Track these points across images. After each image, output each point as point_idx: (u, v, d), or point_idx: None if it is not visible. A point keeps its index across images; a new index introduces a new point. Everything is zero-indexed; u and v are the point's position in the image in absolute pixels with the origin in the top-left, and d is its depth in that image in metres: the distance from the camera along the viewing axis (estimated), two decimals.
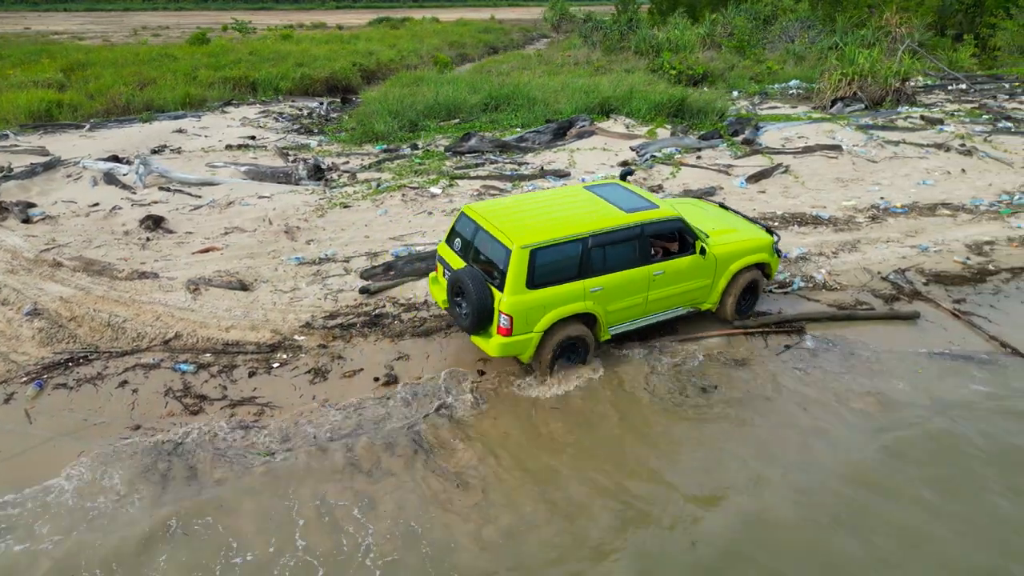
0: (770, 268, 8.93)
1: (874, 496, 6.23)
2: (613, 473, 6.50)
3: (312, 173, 13.30)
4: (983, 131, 17.03)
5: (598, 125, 17.64)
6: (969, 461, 6.67)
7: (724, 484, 6.42)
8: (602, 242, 7.43)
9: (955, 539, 5.82)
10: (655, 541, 5.82)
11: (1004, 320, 9.06)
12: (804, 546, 5.78)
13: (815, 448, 6.87)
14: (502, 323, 7.11)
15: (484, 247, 7.45)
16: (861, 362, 8.18)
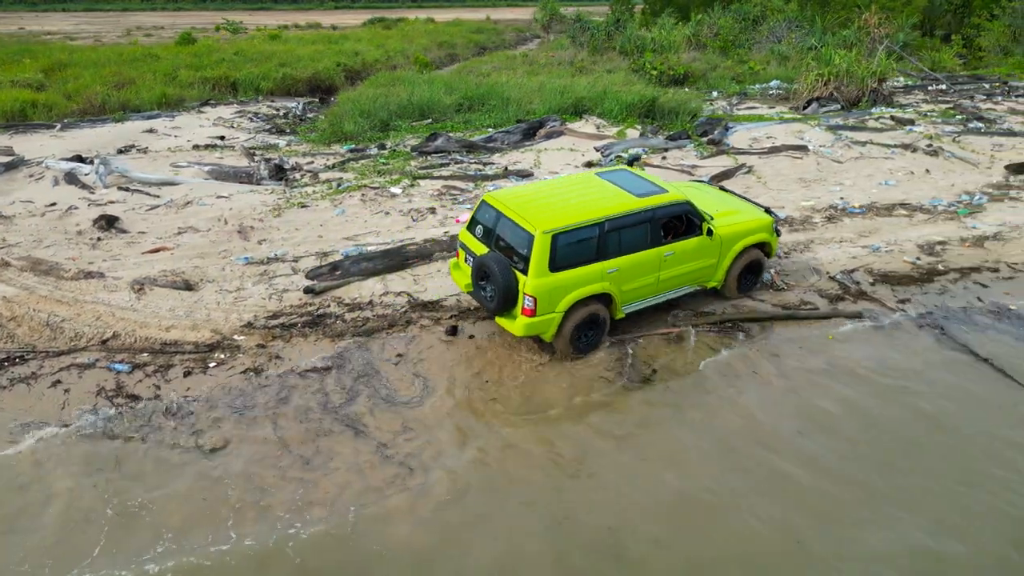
0: (770, 247, 9.39)
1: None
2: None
3: (274, 173, 13.32)
4: (953, 131, 17.05)
5: (568, 126, 17.66)
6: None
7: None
8: (617, 226, 7.92)
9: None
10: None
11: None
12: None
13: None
14: (527, 304, 7.58)
15: (506, 233, 7.88)
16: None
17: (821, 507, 6.19)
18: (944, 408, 7.45)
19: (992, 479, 6.48)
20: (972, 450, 6.85)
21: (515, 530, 5.98)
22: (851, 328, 8.95)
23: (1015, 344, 8.55)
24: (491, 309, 7.85)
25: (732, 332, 8.82)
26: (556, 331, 7.91)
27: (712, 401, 7.64)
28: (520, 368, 8.08)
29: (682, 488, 6.43)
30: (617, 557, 5.73)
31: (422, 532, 5.93)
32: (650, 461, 6.77)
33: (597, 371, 8.07)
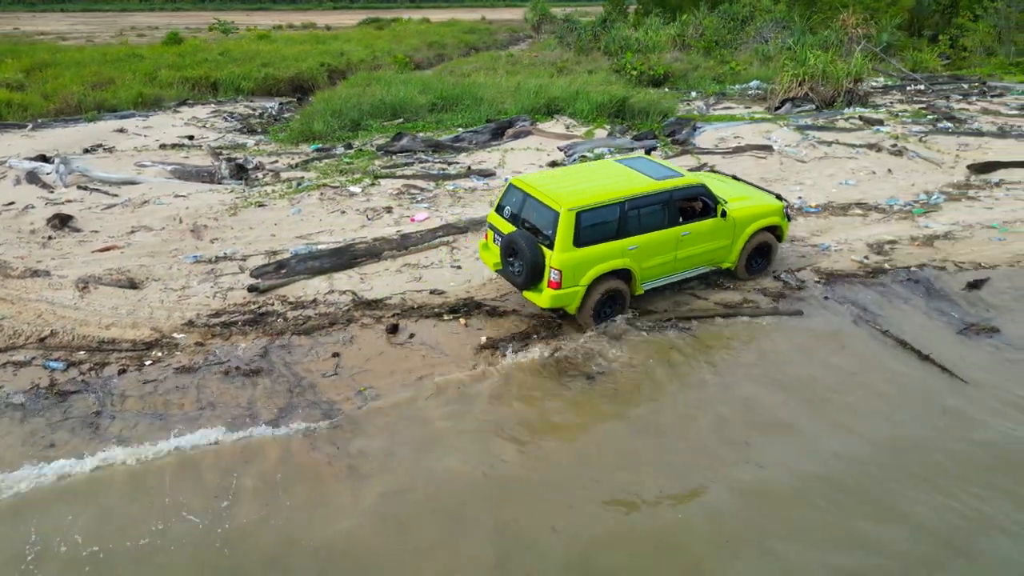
0: (781, 231, 9.87)
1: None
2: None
3: (235, 172, 13.37)
4: (921, 131, 17.08)
5: (538, 126, 17.71)
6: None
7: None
8: (637, 205, 8.45)
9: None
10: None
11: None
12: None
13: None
14: (552, 277, 8.10)
15: (532, 212, 8.45)
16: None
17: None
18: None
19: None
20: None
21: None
22: (784, 323, 9.00)
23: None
24: (519, 284, 8.40)
25: (674, 330, 8.85)
26: (580, 304, 8.44)
27: (652, 399, 7.66)
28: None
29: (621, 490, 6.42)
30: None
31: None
32: (593, 464, 6.75)
33: (537, 373, 8.09)
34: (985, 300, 9.49)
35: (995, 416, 7.30)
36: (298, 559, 5.64)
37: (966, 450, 6.84)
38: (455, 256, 10.60)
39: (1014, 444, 6.91)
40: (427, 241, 10.74)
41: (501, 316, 9.16)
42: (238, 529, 5.87)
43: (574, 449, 7.02)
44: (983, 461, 6.69)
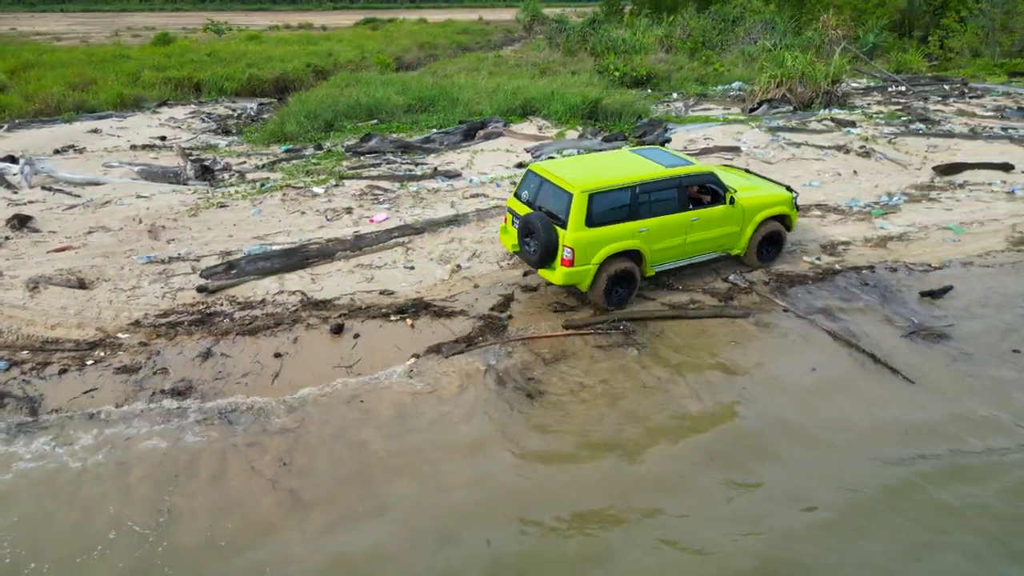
0: (790, 220, 10.26)
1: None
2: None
3: (200, 173, 13.44)
4: (893, 132, 17.12)
5: (511, 127, 17.77)
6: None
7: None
8: (647, 189, 8.91)
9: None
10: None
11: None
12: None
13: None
14: (565, 255, 8.57)
15: (548, 195, 8.92)
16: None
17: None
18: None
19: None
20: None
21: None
22: (734, 324, 9.04)
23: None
24: (534, 262, 8.85)
25: (619, 333, 8.86)
26: (592, 282, 8.87)
27: (587, 405, 7.66)
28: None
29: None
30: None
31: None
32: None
33: (476, 380, 8.12)
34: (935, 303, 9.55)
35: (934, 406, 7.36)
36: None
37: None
38: (409, 257, 10.65)
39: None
40: (382, 242, 10.80)
41: (448, 317, 9.21)
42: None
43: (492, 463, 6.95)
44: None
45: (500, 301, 9.54)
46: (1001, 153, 15.39)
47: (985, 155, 15.31)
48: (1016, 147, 15.84)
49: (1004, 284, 9.99)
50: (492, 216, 11.99)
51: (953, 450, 6.89)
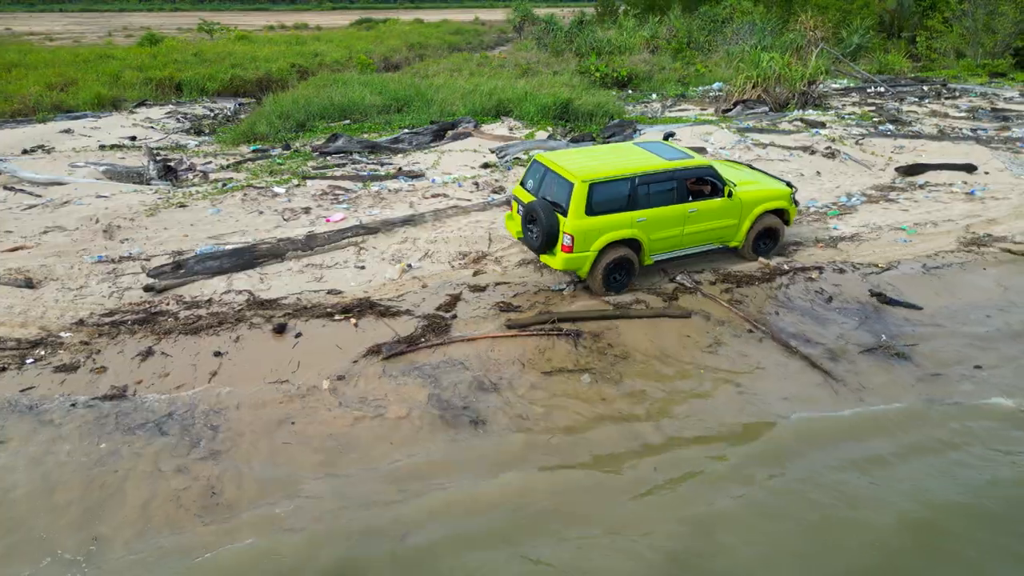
0: (788, 215, 10.52)
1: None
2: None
3: (163, 173, 13.49)
4: (860, 133, 17.17)
5: (482, 128, 17.82)
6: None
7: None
8: (646, 181, 9.24)
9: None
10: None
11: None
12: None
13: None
14: (565, 242, 8.97)
15: (551, 184, 9.31)
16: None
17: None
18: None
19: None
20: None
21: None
22: (682, 324, 9.11)
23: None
24: (536, 248, 9.26)
25: (559, 333, 8.92)
26: (590, 269, 9.26)
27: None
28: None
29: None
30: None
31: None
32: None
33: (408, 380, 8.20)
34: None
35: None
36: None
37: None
38: (361, 257, 10.72)
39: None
40: (334, 241, 10.86)
41: (393, 316, 9.27)
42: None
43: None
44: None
45: (447, 301, 9.61)
46: (966, 154, 15.45)
47: (951, 156, 15.37)
48: (982, 148, 15.88)
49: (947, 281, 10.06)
50: (449, 216, 12.06)
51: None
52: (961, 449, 6.96)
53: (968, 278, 10.27)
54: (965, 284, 10.07)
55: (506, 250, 11.06)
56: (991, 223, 12.01)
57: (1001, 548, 5.91)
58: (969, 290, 9.91)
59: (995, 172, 14.54)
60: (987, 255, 10.90)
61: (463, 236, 11.41)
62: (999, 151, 15.77)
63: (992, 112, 20.03)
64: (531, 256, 10.81)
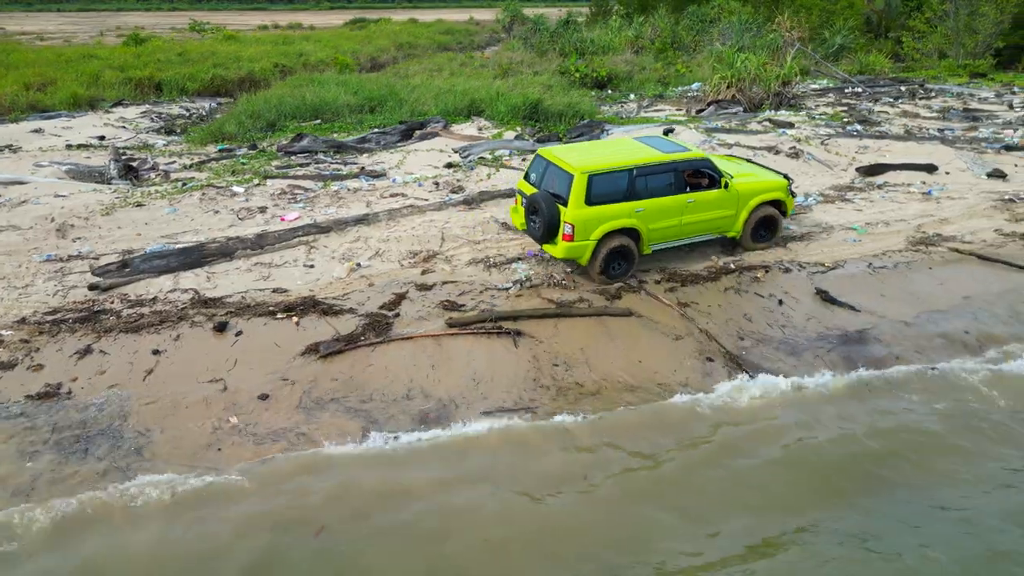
0: (786, 206, 10.83)
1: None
2: None
3: (123, 172, 13.55)
4: (827, 134, 17.23)
5: (452, 127, 17.89)
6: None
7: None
8: (644, 172, 9.62)
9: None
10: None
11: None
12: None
13: None
14: (566, 231, 9.36)
15: (553, 176, 9.70)
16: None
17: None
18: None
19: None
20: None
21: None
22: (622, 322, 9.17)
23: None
24: (538, 237, 9.69)
25: (499, 332, 8.96)
26: (591, 257, 9.60)
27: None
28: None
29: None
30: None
31: None
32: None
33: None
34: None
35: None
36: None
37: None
38: (311, 255, 10.77)
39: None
40: (284, 240, 10.91)
41: (336, 315, 9.31)
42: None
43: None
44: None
45: (392, 299, 9.65)
46: (930, 154, 15.51)
47: (914, 156, 15.42)
48: (946, 148, 15.95)
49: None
50: (404, 215, 12.12)
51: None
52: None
53: (913, 277, 10.32)
54: (907, 283, 10.13)
55: (457, 249, 11.13)
56: (943, 223, 12.07)
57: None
58: (909, 288, 9.98)
59: (956, 172, 14.60)
60: (934, 254, 10.95)
61: (416, 235, 11.47)
62: (963, 151, 15.83)
63: (964, 112, 20.10)
64: (480, 256, 10.89)
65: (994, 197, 13.18)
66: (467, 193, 13.13)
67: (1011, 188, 13.67)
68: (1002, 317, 9.44)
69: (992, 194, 13.36)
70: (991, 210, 12.61)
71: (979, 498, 6.55)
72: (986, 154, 15.80)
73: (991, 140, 16.75)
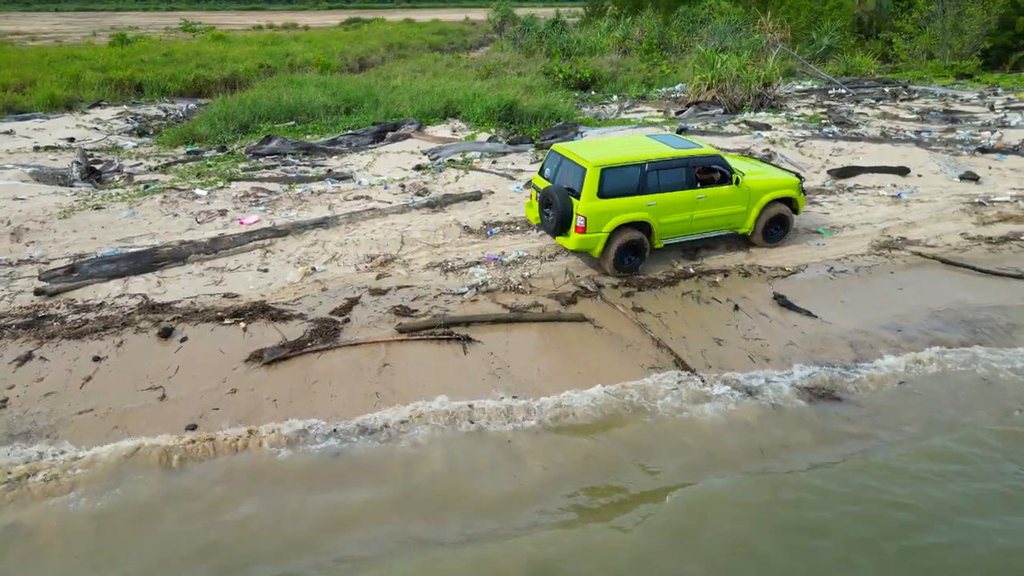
0: (797, 204, 10.97)
1: None
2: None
3: (86, 175, 13.42)
4: (802, 136, 17.12)
5: (426, 129, 17.76)
6: None
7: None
8: (655, 167, 9.82)
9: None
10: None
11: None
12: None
13: None
14: (579, 223, 9.62)
15: (566, 171, 9.97)
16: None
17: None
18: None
19: None
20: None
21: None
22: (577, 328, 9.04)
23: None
24: (551, 230, 9.92)
25: (448, 338, 8.83)
26: (603, 249, 9.82)
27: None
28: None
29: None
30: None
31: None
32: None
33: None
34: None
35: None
36: None
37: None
38: (266, 260, 10.65)
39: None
40: (239, 244, 10.79)
41: (285, 320, 9.19)
42: None
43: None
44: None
45: (344, 305, 9.53)
46: (904, 156, 15.40)
47: (889, 158, 15.32)
48: (921, 150, 15.84)
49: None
50: (364, 219, 12.00)
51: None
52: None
53: (874, 281, 10.20)
54: (866, 287, 10.01)
55: (415, 253, 11.01)
56: (909, 226, 11.95)
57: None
58: (868, 292, 9.86)
59: (929, 175, 14.48)
60: (897, 258, 10.83)
61: (375, 239, 11.35)
62: (938, 153, 15.71)
63: (944, 114, 19.99)
64: (439, 260, 10.77)
65: (964, 200, 13.06)
66: (431, 196, 13.01)
67: (983, 191, 13.55)
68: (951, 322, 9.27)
69: (963, 197, 13.24)
70: (960, 213, 12.49)
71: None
72: (961, 156, 15.68)
73: (967, 142, 16.63)
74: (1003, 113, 19.75)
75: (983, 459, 6.79)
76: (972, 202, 12.94)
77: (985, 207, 12.73)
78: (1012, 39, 31.52)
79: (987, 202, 12.94)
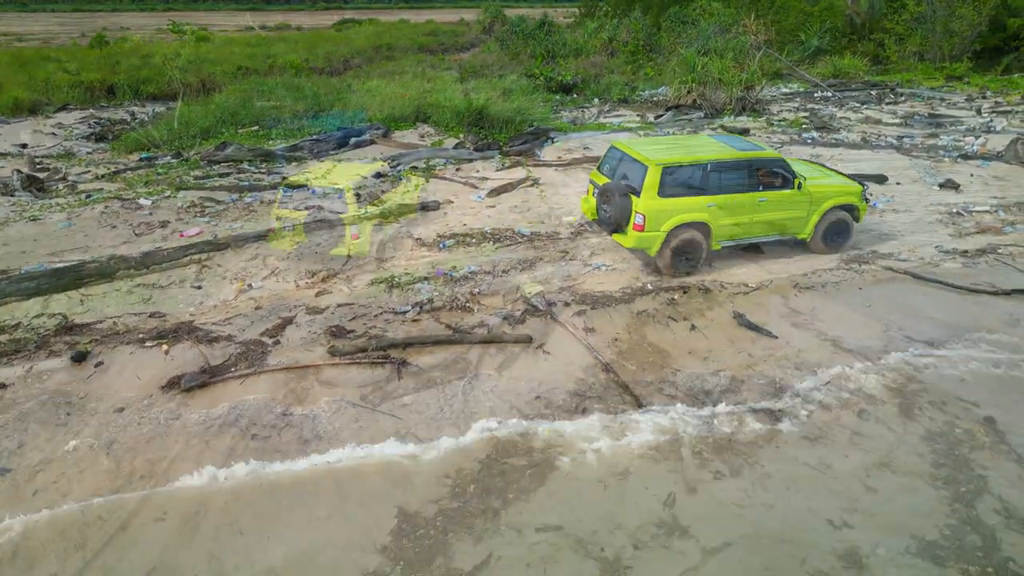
0: (859, 212, 10.69)
1: None
2: None
3: (27, 183, 12.87)
4: (780, 141, 16.58)
5: (395, 134, 17.22)
6: None
7: None
8: (717, 168, 9.64)
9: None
10: None
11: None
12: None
13: None
14: (637, 220, 9.52)
15: (627, 168, 9.88)
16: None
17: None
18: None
19: None
20: None
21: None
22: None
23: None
24: (609, 227, 9.90)
25: (384, 361, 8.27)
26: (660, 248, 9.72)
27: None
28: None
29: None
30: None
31: None
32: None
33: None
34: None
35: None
36: None
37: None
38: (201, 275, 10.10)
39: None
40: (174, 259, 10.24)
41: (211, 342, 8.64)
42: None
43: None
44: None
45: (276, 325, 8.99)
46: (883, 163, 14.88)
47: (867, 165, 14.79)
48: (901, 157, 15.33)
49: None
50: (311, 231, 11.45)
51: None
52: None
53: (840, 297, 9.65)
54: (830, 305, 9.46)
55: (360, 267, 10.47)
56: (881, 238, 11.40)
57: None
58: (832, 310, 9.30)
59: (908, 183, 13.95)
60: (867, 273, 10.28)
61: (319, 253, 10.80)
62: (919, 160, 15.20)
63: (928, 118, 19.46)
64: (384, 275, 10.22)
65: (942, 210, 12.53)
66: (385, 207, 12.46)
67: (962, 200, 13.02)
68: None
69: (940, 206, 12.71)
70: (936, 224, 11.96)
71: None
72: (943, 163, 15.15)
73: (950, 148, 16.09)
74: (989, 117, 19.21)
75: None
76: (950, 212, 12.40)
77: (963, 217, 12.19)
78: (1003, 41, 31.02)
79: (965, 212, 12.40)
